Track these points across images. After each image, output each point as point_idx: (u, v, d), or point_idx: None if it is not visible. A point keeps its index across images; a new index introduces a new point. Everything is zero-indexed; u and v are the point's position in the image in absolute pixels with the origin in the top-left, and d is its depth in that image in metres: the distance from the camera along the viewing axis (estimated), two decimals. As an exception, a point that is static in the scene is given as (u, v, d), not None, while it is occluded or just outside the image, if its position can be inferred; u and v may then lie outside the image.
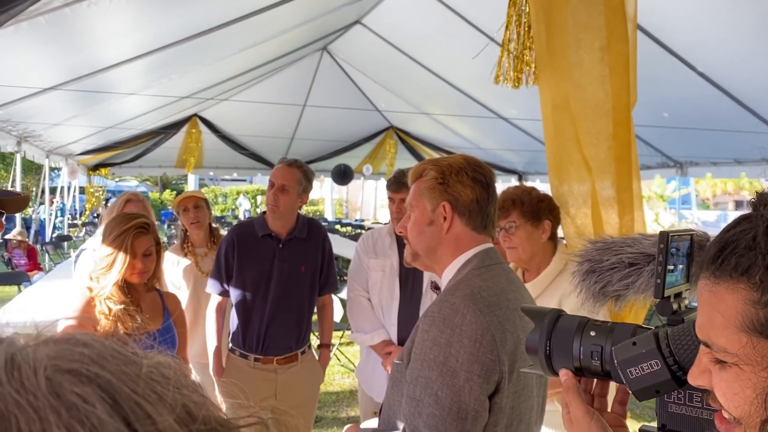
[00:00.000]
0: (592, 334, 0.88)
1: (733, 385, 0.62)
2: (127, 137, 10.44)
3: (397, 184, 2.73)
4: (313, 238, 2.90)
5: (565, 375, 0.88)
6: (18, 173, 8.66)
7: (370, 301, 2.80)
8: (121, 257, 2.17)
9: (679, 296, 0.88)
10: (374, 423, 1.47)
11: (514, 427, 1.30)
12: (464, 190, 1.37)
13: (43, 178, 10.61)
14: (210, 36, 5.63)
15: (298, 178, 2.77)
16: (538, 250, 2.06)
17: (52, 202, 13.39)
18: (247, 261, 2.78)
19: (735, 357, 0.61)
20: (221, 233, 3.45)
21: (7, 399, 0.29)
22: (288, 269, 2.78)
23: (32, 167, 15.27)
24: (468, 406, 1.17)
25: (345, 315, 4.72)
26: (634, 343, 0.81)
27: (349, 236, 13.34)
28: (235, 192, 29.88)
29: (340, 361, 5.64)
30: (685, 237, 0.88)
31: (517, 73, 3.23)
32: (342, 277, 5.82)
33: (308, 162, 11.40)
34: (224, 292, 2.84)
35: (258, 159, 12.78)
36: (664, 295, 0.84)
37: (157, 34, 5.38)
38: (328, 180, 16.56)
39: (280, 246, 2.79)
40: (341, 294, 4.87)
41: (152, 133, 10.66)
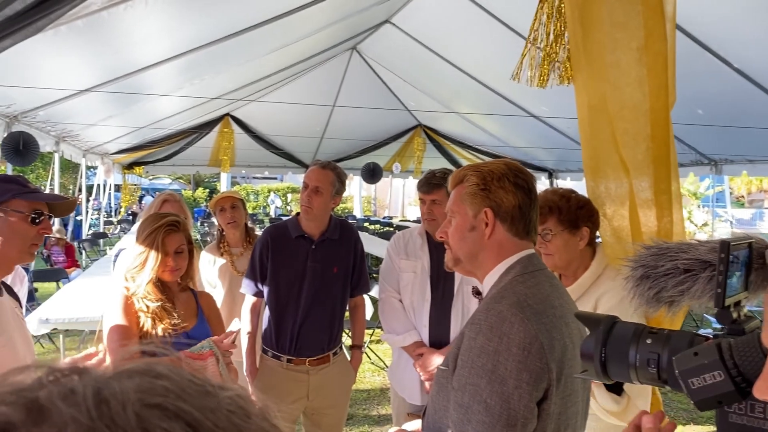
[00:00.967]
0: (649, 341, 0.89)
1: None
2: (160, 136, 10.63)
3: (428, 186, 2.72)
4: (346, 239, 2.91)
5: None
6: (56, 172, 8.89)
7: (401, 302, 2.80)
8: (152, 255, 2.21)
9: (738, 305, 0.88)
10: (415, 425, 1.48)
11: None
12: (506, 196, 1.36)
13: (80, 177, 10.86)
14: (242, 37, 5.69)
15: (332, 180, 2.78)
16: (575, 257, 2.02)
17: (88, 200, 13.70)
18: (281, 262, 2.80)
19: None
20: (256, 233, 3.49)
21: None
22: (321, 270, 2.79)
23: (69, 166, 15.63)
24: (517, 413, 1.18)
25: (375, 313, 4.74)
26: (696, 354, 0.81)
27: (377, 234, 13.37)
28: (266, 190, 30.19)
29: (370, 359, 5.66)
30: (744, 245, 0.87)
31: (545, 72, 3.19)
32: (371, 275, 5.84)
33: (337, 160, 11.48)
34: (258, 293, 2.86)
35: (288, 157, 12.91)
36: (724, 305, 0.83)
37: (191, 36, 5.46)
38: (357, 178, 16.63)
39: (313, 247, 2.80)
40: (371, 292, 4.89)
41: (185, 133, 10.83)
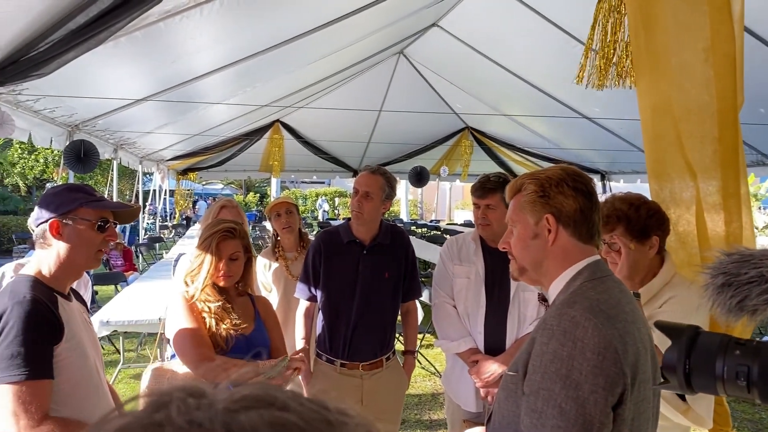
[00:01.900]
0: (737, 353, 0.85)
1: None
2: (213, 143, 10.91)
3: (482, 190, 2.68)
4: (397, 244, 2.90)
5: None
6: (115, 179, 9.22)
7: (455, 307, 2.78)
8: (208, 259, 2.26)
9: None
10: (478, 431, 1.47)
11: None
12: (566, 200, 1.34)
13: (137, 183, 11.23)
14: (292, 45, 5.78)
15: (382, 185, 2.78)
16: (642, 266, 1.96)
17: (145, 205, 14.14)
18: (333, 267, 2.82)
19: None
20: (310, 238, 3.53)
21: None
22: (372, 275, 2.79)
23: (126, 172, 16.19)
24: (593, 418, 1.16)
25: (425, 318, 4.72)
26: None
27: (424, 237, 13.33)
28: (314, 194, 30.57)
29: (420, 363, 5.64)
30: None
31: (603, 74, 3.12)
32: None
33: (384, 164, 11.52)
34: (312, 297, 2.88)
35: (336, 162, 13.05)
36: None
37: (243, 45, 5.57)
38: (403, 182, 16.62)
39: (365, 252, 2.80)
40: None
41: (237, 139, 11.09)
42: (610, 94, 3.50)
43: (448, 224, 20.25)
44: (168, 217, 17.77)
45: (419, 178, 12.87)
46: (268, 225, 11.68)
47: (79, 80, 4.92)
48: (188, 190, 13.33)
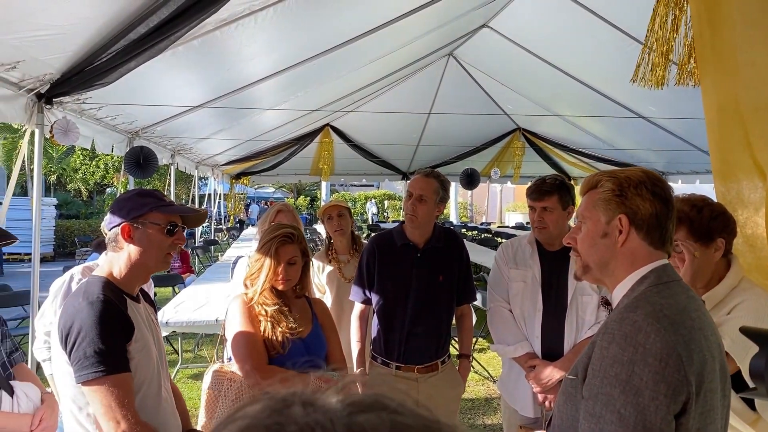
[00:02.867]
0: None
1: None
2: (265, 148, 11.12)
3: (538, 192, 2.65)
4: (451, 247, 2.89)
5: None
6: (172, 183, 9.52)
7: (511, 311, 2.75)
8: (267, 263, 2.32)
9: None
10: None
11: None
12: (643, 203, 1.31)
13: (193, 187, 11.55)
14: (343, 50, 5.84)
15: (435, 188, 2.78)
16: (707, 270, 1.89)
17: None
18: (387, 270, 2.83)
19: None
20: (363, 241, 3.56)
21: None
22: (426, 278, 2.79)
23: (183, 177, 16.68)
24: (653, 425, 1.13)
25: (478, 322, 4.68)
26: None
27: (475, 240, 13.21)
28: (363, 197, 30.77)
29: (473, 368, 5.60)
30: None
31: (662, 72, 3.04)
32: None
33: (434, 167, 11.50)
34: (366, 300, 2.90)
35: (385, 165, 13.10)
36: None
37: (295, 51, 5.67)
38: (453, 184, 16.54)
39: (418, 255, 2.81)
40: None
41: (288, 144, 11.28)
42: (667, 92, 3.41)
43: (498, 227, 20.02)
44: (222, 220, 18.21)
45: (470, 180, 12.79)
46: (319, 228, 11.84)
47: (138, 89, 5.10)
48: (241, 194, 13.61)
